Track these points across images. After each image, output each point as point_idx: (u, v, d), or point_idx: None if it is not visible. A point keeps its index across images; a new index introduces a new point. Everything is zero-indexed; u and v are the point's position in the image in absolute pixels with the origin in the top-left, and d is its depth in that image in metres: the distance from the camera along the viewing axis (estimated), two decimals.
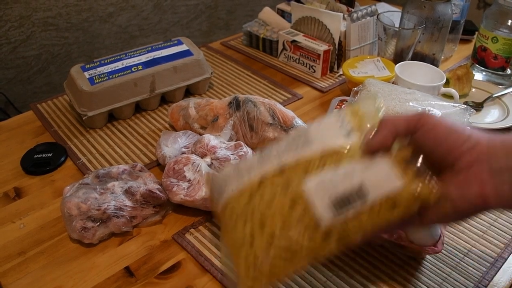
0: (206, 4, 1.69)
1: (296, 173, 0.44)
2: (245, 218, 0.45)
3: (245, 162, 0.49)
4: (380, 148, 0.43)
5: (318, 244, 0.42)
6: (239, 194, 0.46)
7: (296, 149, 0.46)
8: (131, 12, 1.48)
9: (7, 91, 1.31)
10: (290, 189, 0.44)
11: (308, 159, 0.44)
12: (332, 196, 0.42)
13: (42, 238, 0.62)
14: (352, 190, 0.42)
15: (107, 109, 0.81)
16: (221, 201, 0.48)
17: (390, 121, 0.44)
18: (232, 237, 0.46)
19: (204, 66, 0.91)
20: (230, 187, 0.48)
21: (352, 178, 0.42)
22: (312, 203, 0.42)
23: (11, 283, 0.56)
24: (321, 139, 0.46)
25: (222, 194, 0.48)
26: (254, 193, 0.46)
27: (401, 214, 0.41)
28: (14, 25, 1.26)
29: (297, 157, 0.45)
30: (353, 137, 0.45)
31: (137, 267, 0.58)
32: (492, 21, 0.94)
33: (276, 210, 0.44)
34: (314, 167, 0.44)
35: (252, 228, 0.44)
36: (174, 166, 0.64)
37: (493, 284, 0.56)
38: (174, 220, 0.65)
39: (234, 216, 0.46)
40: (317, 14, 0.99)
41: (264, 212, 0.44)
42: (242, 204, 0.46)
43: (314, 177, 0.43)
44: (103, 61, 0.85)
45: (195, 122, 0.77)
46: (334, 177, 0.43)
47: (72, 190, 0.63)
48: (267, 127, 0.73)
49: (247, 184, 0.46)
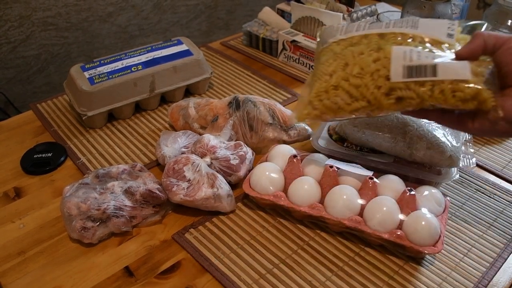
0: (206, 4, 1.69)
1: (393, 40, 0.55)
2: (336, 58, 0.57)
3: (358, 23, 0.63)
4: (469, 55, 0.51)
5: (381, 95, 0.53)
6: (342, 40, 0.58)
7: (402, 26, 0.56)
8: (130, 12, 1.48)
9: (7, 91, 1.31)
10: (382, 50, 0.54)
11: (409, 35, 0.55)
12: (411, 63, 0.51)
13: (41, 238, 0.62)
14: (428, 66, 0.50)
15: (106, 109, 0.81)
16: (326, 43, 0.60)
17: (482, 36, 0.51)
18: (320, 69, 0.57)
19: (204, 66, 0.91)
20: (337, 34, 0.60)
21: (433, 58, 0.51)
22: (392, 61, 0.52)
23: (10, 283, 0.56)
24: (427, 29, 0.55)
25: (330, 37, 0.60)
26: (353, 43, 0.57)
27: (457, 104, 0.50)
28: (14, 24, 1.26)
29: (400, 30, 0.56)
30: (453, 40, 0.53)
31: (137, 267, 0.58)
32: (492, 21, 0.94)
33: (362, 59, 0.54)
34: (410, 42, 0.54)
35: (337, 65, 0.56)
36: (174, 166, 0.64)
37: (492, 284, 0.56)
38: (174, 220, 0.65)
39: (330, 53, 0.58)
40: (317, 14, 0.99)
41: (352, 57, 0.55)
42: (340, 48, 0.58)
43: (406, 46, 0.53)
44: (103, 61, 0.85)
45: (195, 122, 0.77)
46: (420, 52, 0.52)
47: (72, 190, 0.63)
48: (267, 127, 0.73)
49: (350, 35, 0.58)
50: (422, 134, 0.65)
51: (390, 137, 0.66)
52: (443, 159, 0.64)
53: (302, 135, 0.74)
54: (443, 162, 0.64)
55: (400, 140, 0.65)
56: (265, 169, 0.65)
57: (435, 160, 0.64)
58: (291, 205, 0.61)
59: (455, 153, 0.64)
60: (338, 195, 0.60)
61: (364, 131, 0.68)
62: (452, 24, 0.56)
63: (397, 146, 0.66)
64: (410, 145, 0.65)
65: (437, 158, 0.64)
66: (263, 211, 0.66)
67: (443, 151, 0.63)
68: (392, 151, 0.67)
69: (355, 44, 0.57)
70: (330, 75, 0.56)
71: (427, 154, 0.64)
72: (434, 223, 0.56)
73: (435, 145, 0.64)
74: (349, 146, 0.70)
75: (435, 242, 0.56)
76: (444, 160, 0.64)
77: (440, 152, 0.64)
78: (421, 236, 0.55)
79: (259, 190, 0.63)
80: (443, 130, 0.66)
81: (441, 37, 0.54)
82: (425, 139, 0.64)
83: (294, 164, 0.65)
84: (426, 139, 0.64)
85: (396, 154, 0.67)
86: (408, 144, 0.65)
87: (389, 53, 0.53)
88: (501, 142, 0.81)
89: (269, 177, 0.64)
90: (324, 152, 0.69)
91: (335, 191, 0.61)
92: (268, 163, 0.67)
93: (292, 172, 0.64)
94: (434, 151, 0.64)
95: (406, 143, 0.65)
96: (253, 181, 0.64)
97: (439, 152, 0.64)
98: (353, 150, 0.70)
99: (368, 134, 0.67)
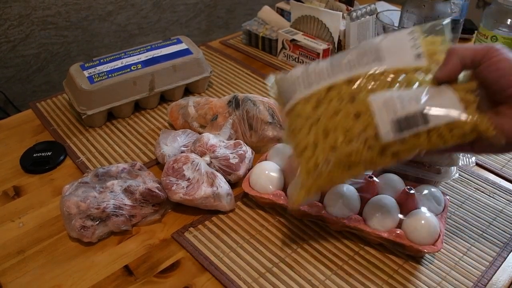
0: (206, 3, 1.69)
1: (365, 86, 0.48)
2: (311, 123, 0.49)
3: (315, 65, 0.51)
4: (447, 78, 0.47)
5: (375, 156, 0.47)
6: (307, 99, 0.50)
7: (367, 62, 0.49)
8: (130, 10, 1.48)
9: (7, 90, 1.31)
10: (357, 100, 0.47)
11: (378, 74, 0.48)
12: (397, 115, 0.45)
13: (41, 236, 0.62)
14: (416, 114, 0.45)
15: (106, 108, 0.81)
16: (289, 103, 0.51)
17: (457, 52, 0.46)
18: (296, 139, 0.50)
19: (204, 65, 0.91)
20: (299, 90, 0.51)
21: (418, 102, 0.45)
22: (376, 117, 0.46)
23: (10, 282, 0.56)
24: (393, 56, 0.49)
25: (290, 96, 0.52)
26: (321, 99, 0.49)
27: (457, 142, 0.46)
28: (14, 23, 1.25)
29: (367, 70, 0.48)
30: (423, 60, 0.48)
31: (136, 266, 0.58)
32: (491, 20, 0.94)
33: (341, 119, 0.47)
34: (382, 82, 0.47)
35: (316, 134, 0.48)
36: (174, 165, 0.64)
37: (492, 283, 0.56)
38: (174, 219, 0.65)
39: (300, 119, 0.50)
40: (316, 13, 0.99)
41: (329, 119, 0.48)
42: (309, 109, 0.50)
43: (382, 93, 0.47)
44: (103, 60, 0.85)
45: (194, 121, 0.77)
46: (401, 97, 0.46)
47: (72, 189, 0.63)
48: (267, 126, 0.73)
49: (316, 90, 0.50)
50: None
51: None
52: (443, 158, 0.64)
53: None
54: (442, 161, 0.64)
55: None
56: (265, 168, 0.65)
57: (434, 159, 0.64)
58: None
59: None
60: (338, 194, 0.60)
61: None
62: (413, 38, 0.49)
63: None
64: None
65: (436, 157, 0.64)
66: (262, 210, 0.66)
67: None
68: None
69: (323, 100, 0.49)
70: (312, 149, 0.49)
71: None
72: (434, 222, 0.56)
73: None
74: None
75: (435, 241, 0.56)
76: (444, 159, 0.64)
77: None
78: (420, 235, 0.55)
79: (258, 189, 0.63)
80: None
81: (410, 62, 0.48)
82: None
83: None
84: None
85: None
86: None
87: (367, 106, 0.46)
88: None
89: (269, 176, 0.64)
90: None
91: (334, 190, 0.61)
92: (268, 162, 0.67)
93: (292, 171, 0.64)
94: None
95: None
96: (253, 180, 0.64)
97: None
98: None
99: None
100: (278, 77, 0.55)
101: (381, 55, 0.49)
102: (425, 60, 0.48)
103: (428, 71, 0.47)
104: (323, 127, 0.48)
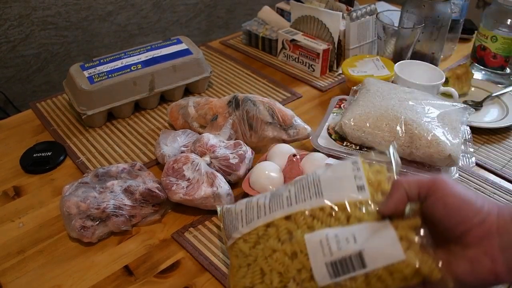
0: (206, 3, 1.69)
1: (303, 223, 0.45)
2: (248, 263, 0.47)
3: (257, 199, 0.51)
4: (392, 213, 0.43)
5: None
6: (246, 236, 0.48)
7: (306, 197, 0.47)
8: (130, 11, 1.48)
9: (7, 90, 1.31)
10: (294, 238, 0.45)
11: (317, 209, 0.45)
12: (332, 257, 0.42)
13: (41, 237, 0.62)
14: (352, 256, 0.41)
15: (106, 108, 0.81)
16: (231, 238, 0.50)
17: (402, 185, 0.42)
18: (234, 279, 0.48)
19: (204, 65, 0.91)
20: (239, 226, 0.50)
21: (355, 243, 0.42)
22: (311, 259, 0.43)
23: (10, 282, 0.56)
24: (333, 189, 0.46)
25: (232, 230, 0.50)
26: (260, 237, 0.47)
27: (400, 284, 0.41)
28: (14, 24, 1.25)
29: (305, 207, 0.46)
30: (366, 192, 0.45)
31: (136, 266, 0.58)
32: (491, 20, 0.94)
33: (277, 260, 0.45)
34: (321, 219, 0.45)
35: (253, 275, 0.46)
36: (174, 165, 0.64)
37: None
38: (173, 219, 0.65)
39: (238, 258, 0.48)
40: (316, 13, 0.99)
41: (265, 260, 0.46)
42: (248, 247, 0.48)
43: (319, 231, 0.44)
44: (103, 60, 0.85)
45: (194, 121, 0.77)
46: (337, 236, 0.43)
47: (72, 189, 0.63)
48: (266, 126, 0.73)
49: (254, 226, 0.48)
50: (421, 133, 0.65)
51: (390, 135, 0.66)
52: (443, 158, 0.64)
53: (302, 134, 0.74)
54: (442, 161, 0.64)
55: (400, 139, 0.66)
56: (265, 168, 0.65)
57: (434, 159, 0.64)
58: None
59: (454, 152, 0.64)
60: None
61: (363, 130, 0.68)
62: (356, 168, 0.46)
63: (397, 145, 0.66)
64: (410, 144, 0.65)
65: (436, 157, 0.64)
66: None
67: (443, 150, 0.64)
68: None
69: (262, 237, 0.47)
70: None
71: (427, 153, 0.64)
72: None
73: (435, 144, 0.64)
74: (349, 145, 0.70)
75: None
76: (444, 159, 0.64)
77: (440, 151, 0.64)
78: None
79: (258, 189, 0.63)
80: (442, 129, 0.66)
81: (351, 194, 0.45)
82: (425, 138, 0.64)
83: (294, 163, 0.65)
84: (425, 138, 0.64)
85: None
86: (408, 143, 0.65)
87: (303, 245, 0.44)
88: (501, 142, 0.81)
89: (269, 176, 0.64)
90: (324, 151, 0.69)
91: None
92: (268, 162, 0.67)
93: (291, 171, 0.65)
94: (433, 150, 0.64)
95: (406, 142, 0.65)
96: (253, 180, 0.64)
97: (438, 151, 0.64)
98: (352, 149, 0.70)
99: (368, 133, 0.68)
100: (224, 208, 0.54)
101: (322, 188, 0.46)
102: (368, 192, 0.45)
103: (372, 202, 0.44)
104: (259, 266, 0.46)
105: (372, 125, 0.67)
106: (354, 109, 0.71)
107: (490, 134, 0.82)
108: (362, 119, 0.68)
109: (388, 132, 0.66)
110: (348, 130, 0.69)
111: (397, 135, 0.66)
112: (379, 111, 0.69)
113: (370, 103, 0.70)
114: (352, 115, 0.70)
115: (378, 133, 0.67)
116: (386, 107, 0.69)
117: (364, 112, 0.69)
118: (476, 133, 0.82)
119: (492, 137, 0.82)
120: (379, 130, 0.67)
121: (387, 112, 0.68)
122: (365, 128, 0.68)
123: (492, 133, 0.82)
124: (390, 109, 0.68)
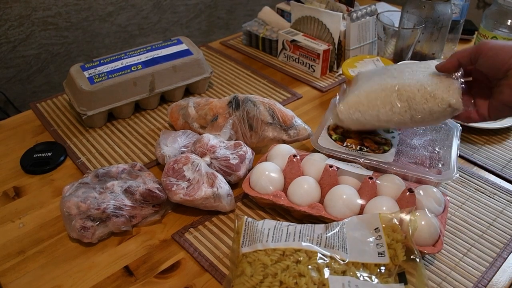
0: (206, 4, 1.69)
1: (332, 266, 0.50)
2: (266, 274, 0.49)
3: (287, 225, 0.55)
4: (445, 71, 0.61)
5: None
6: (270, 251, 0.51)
7: (338, 248, 0.52)
8: (130, 11, 1.48)
9: (7, 90, 1.31)
10: (321, 274, 0.49)
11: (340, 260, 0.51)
12: None
13: (41, 237, 0.62)
14: None
15: (106, 109, 0.81)
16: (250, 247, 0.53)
17: (456, 55, 0.60)
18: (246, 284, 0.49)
19: (204, 65, 0.91)
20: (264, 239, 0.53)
21: None
22: None
23: (10, 282, 0.56)
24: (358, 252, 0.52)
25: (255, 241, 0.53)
26: (286, 256, 0.51)
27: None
28: (14, 24, 1.26)
29: (336, 256, 0.52)
30: (386, 259, 0.51)
31: (137, 267, 0.58)
32: (491, 20, 0.94)
33: (306, 283, 0.48)
34: (348, 271, 0.50)
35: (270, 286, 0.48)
36: (174, 166, 0.64)
37: (492, 284, 0.56)
38: (174, 219, 0.65)
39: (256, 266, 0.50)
40: (316, 13, 0.99)
41: (291, 278, 0.48)
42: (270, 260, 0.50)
43: (343, 277, 0.49)
44: (103, 61, 0.85)
45: (194, 122, 0.77)
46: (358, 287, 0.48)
47: (72, 190, 0.63)
48: (267, 127, 0.73)
49: (281, 246, 0.52)
50: (414, 91, 0.63)
51: (386, 105, 0.64)
52: (444, 108, 0.62)
53: (302, 134, 0.74)
54: (445, 113, 0.62)
55: (397, 106, 0.64)
56: (265, 169, 0.65)
57: (437, 115, 0.63)
58: (291, 204, 0.61)
59: (453, 98, 0.61)
60: (338, 195, 0.60)
61: (359, 110, 0.66)
62: (377, 237, 0.54)
63: (395, 113, 0.64)
64: (408, 108, 0.63)
65: (437, 111, 0.62)
66: (262, 210, 0.66)
67: (441, 100, 0.61)
68: (393, 122, 0.65)
69: (288, 257, 0.51)
70: None
71: (426, 109, 0.62)
72: (434, 222, 0.56)
73: (431, 98, 0.62)
74: (349, 145, 0.70)
75: (435, 241, 0.56)
76: (445, 109, 0.62)
77: (438, 103, 0.62)
78: (420, 236, 0.55)
79: (258, 189, 0.63)
80: (434, 83, 0.63)
81: (373, 259, 0.52)
82: (419, 94, 0.62)
83: (294, 163, 0.65)
84: (419, 95, 0.62)
85: (398, 124, 0.66)
86: (405, 107, 0.63)
87: (328, 282, 0.48)
88: (501, 142, 0.81)
89: (269, 177, 0.64)
90: (324, 152, 0.69)
91: (334, 190, 0.61)
92: (268, 163, 0.67)
93: (291, 172, 0.65)
94: (431, 103, 0.62)
95: (403, 107, 0.64)
96: (253, 181, 0.64)
97: (437, 103, 0.62)
98: (353, 150, 0.70)
99: (364, 111, 0.66)
100: (249, 220, 0.56)
101: (348, 249, 0.53)
102: (387, 258, 0.51)
103: (390, 268, 0.51)
104: (280, 280, 0.49)
105: (366, 102, 0.66)
106: (347, 98, 0.69)
107: (490, 134, 0.82)
108: (356, 101, 0.67)
109: (382, 102, 0.65)
110: (345, 117, 0.68)
111: (393, 102, 0.64)
112: (371, 88, 0.67)
113: (361, 88, 0.69)
114: (346, 101, 0.68)
115: (374, 106, 0.65)
116: (377, 83, 0.67)
117: (356, 95, 0.68)
118: (476, 133, 0.82)
119: (492, 137, 0.82)
120: (374, 104, 0.65)
121: (379, 86, 0.66)
122: (361, 107, 0.66)
123: (492, 133, 0.82)
124: (382, 83, 0.66)
